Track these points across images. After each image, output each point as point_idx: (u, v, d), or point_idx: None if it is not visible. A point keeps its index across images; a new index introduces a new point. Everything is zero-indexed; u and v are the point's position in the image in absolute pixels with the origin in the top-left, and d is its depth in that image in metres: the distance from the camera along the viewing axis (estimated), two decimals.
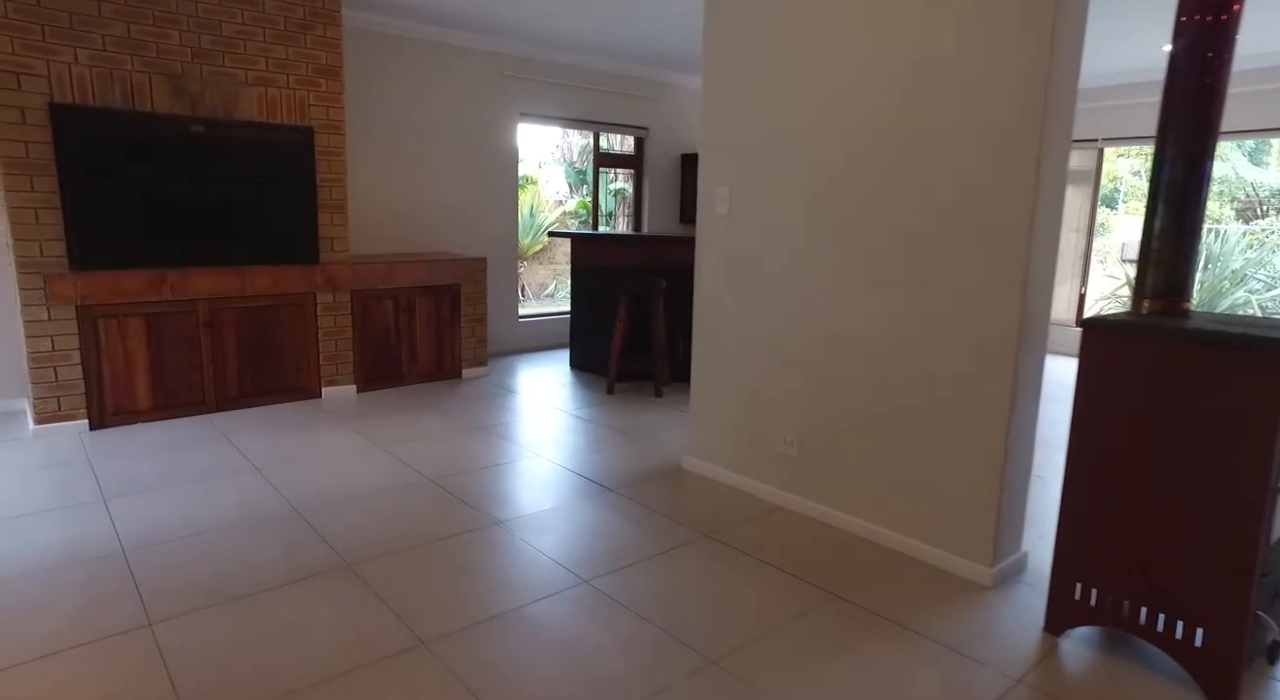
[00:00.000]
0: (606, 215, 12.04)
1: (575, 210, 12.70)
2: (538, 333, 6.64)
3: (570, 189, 13.02)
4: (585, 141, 12.11)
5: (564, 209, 12.73)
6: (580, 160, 12.75)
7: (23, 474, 3.38)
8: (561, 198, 12.87)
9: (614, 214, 12.18)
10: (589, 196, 12.54)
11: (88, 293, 3.90)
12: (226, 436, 3.97)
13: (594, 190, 7.31)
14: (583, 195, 12.74)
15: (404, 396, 4.87)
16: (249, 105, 4.28)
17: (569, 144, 12.66)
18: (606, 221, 11.99)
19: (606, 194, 11.95)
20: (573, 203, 12.82)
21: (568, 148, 12.72)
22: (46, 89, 3.70)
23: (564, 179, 12.87)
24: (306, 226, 4.55)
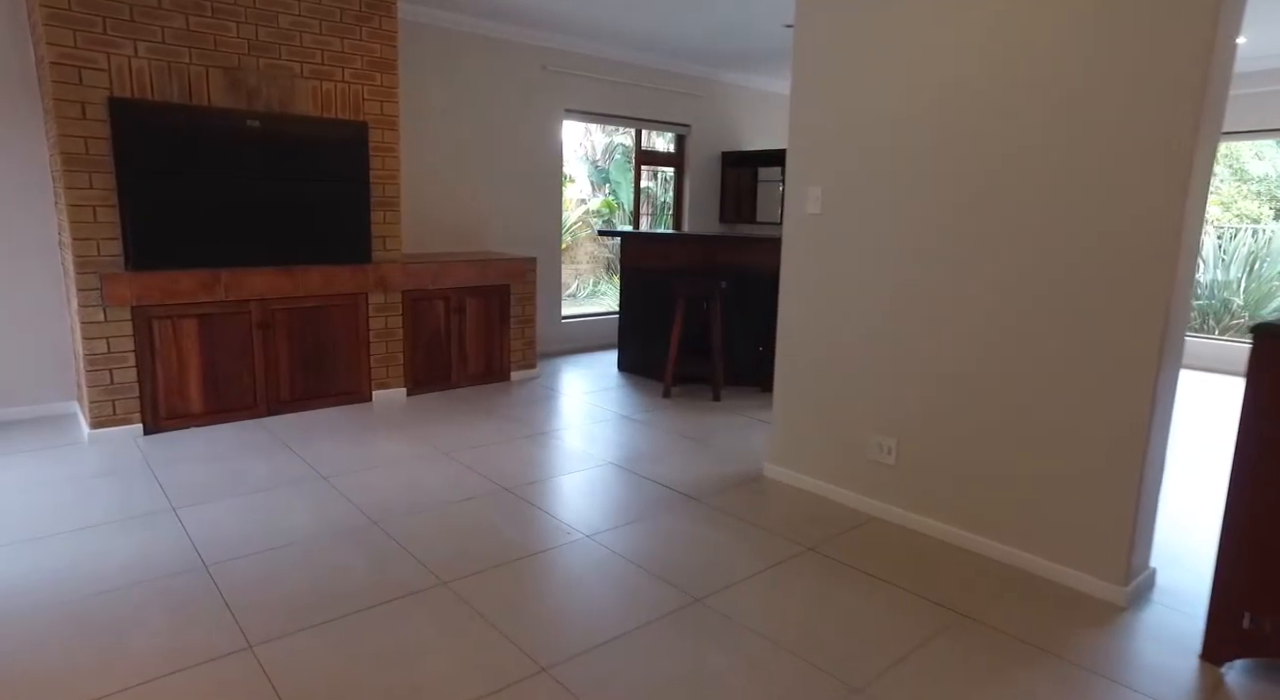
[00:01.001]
0: (630, 214, 11.92)
1: (599, 209, 12.57)
2: (581, 333, 6.51)
3: (592, 187, 12.91)
4: (608, 140, 11.99)
5: (586, 208, 12.61)
6: (603, 158, 12.63)
7: (86, 482, 3.26)
8: (584, 196, 12.76)
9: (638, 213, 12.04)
10: (611, 195, 12.43)
11: (143, 293, 3.77)
12: (283, 442, 3.85)
13: (635, 189, 7.19)
14: (605, 194, 12.63)
15: (455, 400, 4.74)
16: (304, 99, 4.15)
17: (591, 142, 12.55)
18: (628, 220, 11.87)
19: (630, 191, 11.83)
20: (596, 201, 12.70)
21: (590, 146, 12.60)
22: (106, 83, 3.58)
23: (586, 177, 12.75)
24: (359, 225, 4.42)
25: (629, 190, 11.87)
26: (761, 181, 7.43)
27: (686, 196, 7.15)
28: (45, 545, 2.67)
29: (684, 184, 7.16)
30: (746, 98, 7.35)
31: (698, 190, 7.21)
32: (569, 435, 4.09)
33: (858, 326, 3.11)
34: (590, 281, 11.85)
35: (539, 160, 5.98)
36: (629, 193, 11.85)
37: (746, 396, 4.97)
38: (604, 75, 6.18)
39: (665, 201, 11.86)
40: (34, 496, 3.09)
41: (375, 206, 4.49)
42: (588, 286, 11.56)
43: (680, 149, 7.10)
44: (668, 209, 12.16)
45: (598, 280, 12.08)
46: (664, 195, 11.82)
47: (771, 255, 5.00)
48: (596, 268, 12.21)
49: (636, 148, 6.87)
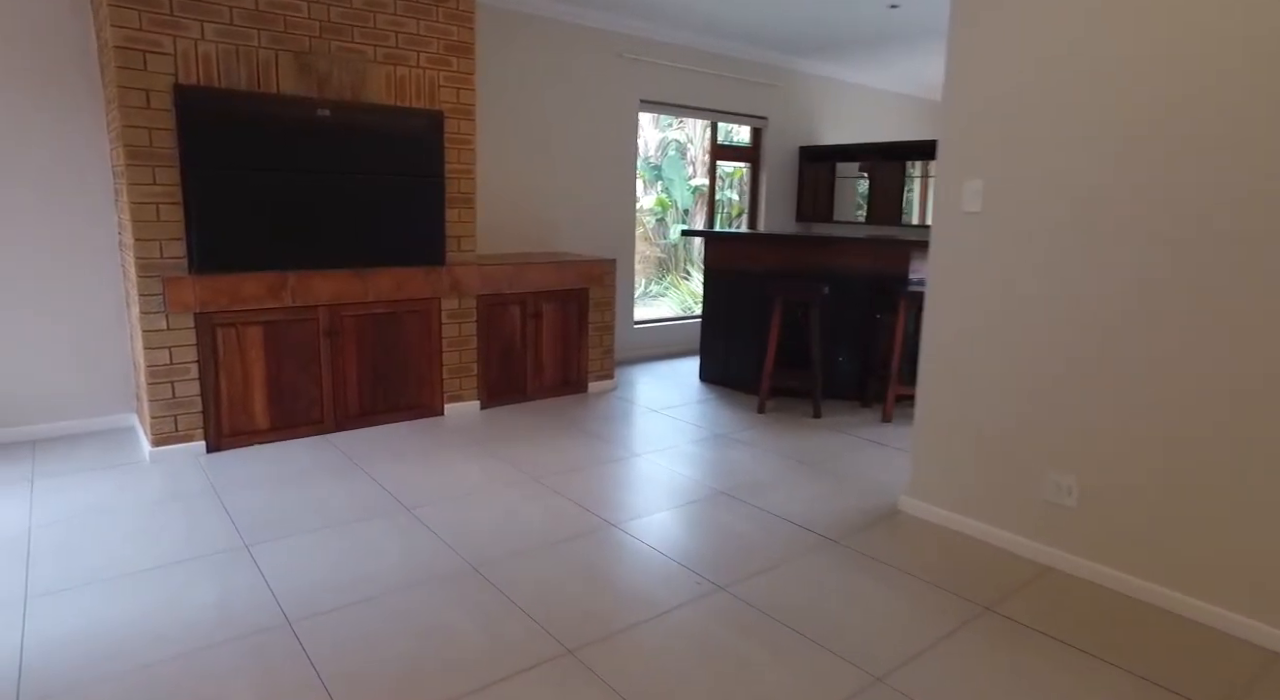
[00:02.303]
0: (683, 212, 11.50)
1: (652, 208, 12.16)
2: (655, 340, 6.10)
3: (644, 185, 12.48)
4: (661, 135, 11.57)
5: (639, 206, 12.16)
6: (656, 155, 12.22)
7: (151, 510, 2.93)
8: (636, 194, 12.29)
9: (690, 211, 11.63)
10: (664, 193, 11.99)
11: (207, 298, 3.45)
12: (356, 463, 3.50)
13: (710, 186, 6.76)
14: (658, 192, 12.21)
15: (532, 414, 4.37)
16: (377, 86, 3.80)
17: (644, 138, 12.13)
18: (682, 219, 11.44)
19: (684, 189, 11.41)
20: (648, 199, 12.29)
21: (643, 142, 12.18)
22: (172, 68, 3.26)
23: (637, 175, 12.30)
24: (433, 224, 4.06)
25: (682, 188, 11.44)
26: (839, 178, 6.97)
27: (763, 193, 6.70)
28: (113, 591, 2.33)
29: (760, 180, 6.71)
30: (826, 89, 6.89)
31: (774, 187, 6.76)
32: (666, 458, 3.69)
33: (1025, 339, 2.66)
34: (641, 282, 11.45)
35: (613, 154, 5.59)
36: (682, 190, 11.41)
37: (847, 412, 4.52)
38: (681, 63, 5.76)
39: (723, 199, 11.42)
40: (98, 527, 2.77)
41: (450, 203, 4.12)
42: (639, 287, 11.17)
43: (756, 143, 6.66)
44: (723, 207, 11.72)
45: (648, 281, 11.68)
46: (721, 193, 11.39)
47: (869, 258, 4.56)
48: (648, 267, 11.82)
49: (712, 142, 6.44)
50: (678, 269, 10.99)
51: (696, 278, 8.90)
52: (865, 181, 7.03)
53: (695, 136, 11.58)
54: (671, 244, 10.94)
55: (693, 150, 11.68)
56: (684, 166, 11.62)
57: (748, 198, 6.88)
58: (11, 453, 3.51)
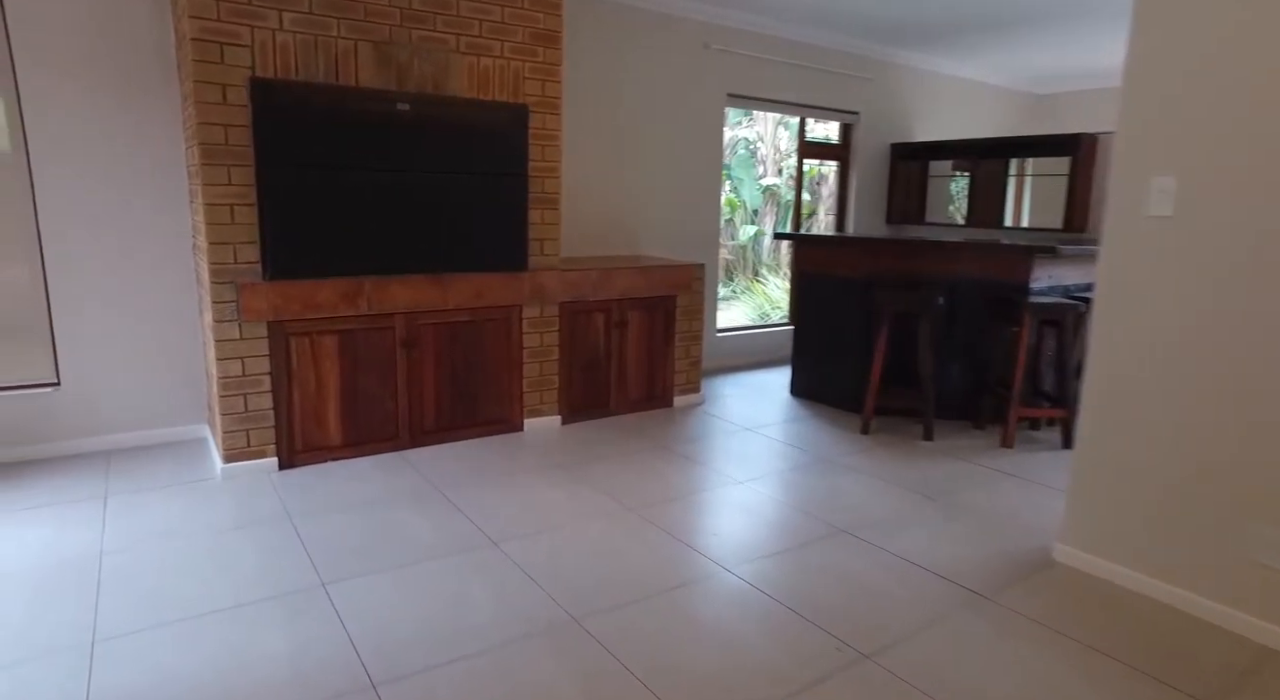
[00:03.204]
0: (752, 213, 11.08)
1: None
2: (739, 349, 5.73)
3: None
4: (730, 133, 11.17)
5: None
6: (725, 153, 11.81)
7: (224, 538, 2.70)
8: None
9: (759, 212, 11.22)
10: (733, 193, 11.59)
11: (281, 306, 3.23)
12: (434, 484, 3.23)
13: (797, 186, 6.35)
14: (727, 192, 11.81)
15: (616, 432, 4.05)
16: (459, 78, 3.53)
17: None
18: (751, 219, 11.03)
19: (753, 189, 10.99)
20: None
21: None
22: (249, 61, 3.04)
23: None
24: (516, 226, 3.78)
25: (752, 187, 11.01)
26: (932, 177, 6.49)
27: (851, 193, 6.27)
28: (181, 637, 2.09)
29: (849, 179, 6.28)
30: (921, 82, 6.42)
31: (863, 187, 6.32)
32: (770, 486, 3.32)
33: (1231, 372, 2.21)
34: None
35: (699, 152, 5.25)
36: (751, 190, 10.99)
37: (958, 435, 4.09)
38: (770, 55, 5.38)
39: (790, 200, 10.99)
40: (168, 557, 2.55)
41: (533, 204, 3.84)
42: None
43: (846, 140, 6.23)
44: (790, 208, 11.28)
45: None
46: (789, 193, 10.97)
47: (985, 264, 4.10)
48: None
49: (800, 138, 6.04)
50: (746, 271, 10.59)
51: (773, 282, 8.51)
52: (960, 181, 6.54)
53: (766, 134, 11.17)
54: (740, 246, 10.55)
55: (763, 148, 11.26)
56: (754, 165, 11.20)
57: (834, 198, 6.45)
58: (89, 465, 3.36)
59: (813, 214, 11.26)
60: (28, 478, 3.22)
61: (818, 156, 6.39)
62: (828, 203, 10.35)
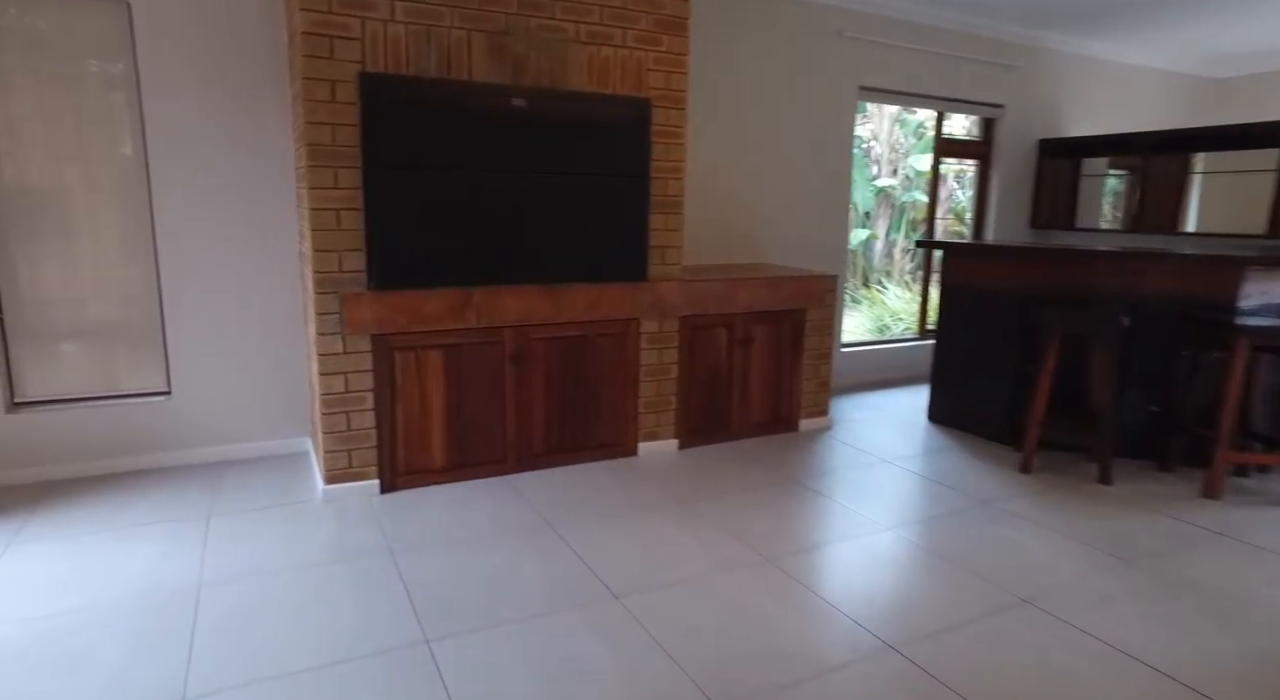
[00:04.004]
0: (864, 215, 10.42)
1: None
2: (862, 366, 5.23)
3: None
4: None
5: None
6: None
7: (321, 577, 2.47)
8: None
9: (871, 214, 10.54)
10: None
11: (386, 318, 3.00)
12: (545, 519, 2.93)
13: (932, 187, 5.78)
14: None
15: (739, 459, 3.66)
16: (578, 70, 3.23)
17: None
18: (864, 223, 10.36)
19: (866, 190, 10.33)
20: None
21: None
22: (359, 55, 2.83)
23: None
24: (635, 231, 3.44)
25: (865, 188, 10.36)
26: (1085, 176, 5.78)
27: (992, 195, 5.65)
28: (276, 696, 1.85)
29: (989, 180, 5.66)
30: (1075, 69, 5.72)
31: (1005, 187, 5.68)
32: (925, 534, 2.85)
33: None
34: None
35: (827, 151, 4.79)
36: (864, 191, 10.33)
37: (1142, 478, 3.48)
38: (907, 43, 4.86)
39: (905, 201, 10.30)
40: (266, 594, 2.34)
41: (654, 208, 3.49)
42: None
43: (988, 135, 5.62)
44: (905, 210, 10.58)
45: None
46: (907, 193, 10.27)
47: (1178, 278, 3.47)
48: None
49: (937, 135, 5.47)
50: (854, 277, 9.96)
51: (893, 291, 7.90)
52: (1119, 180, 5.80)
53: (881, 132, 10.51)
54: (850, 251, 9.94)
55: (877, 147, 10.61)
56: (866, 165, 10.55)
57: (974, 199, 5.83)
58: (194, 479, 3.24)
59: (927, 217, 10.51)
60: (137, 490, 3.12)
61: (955, 155, 5.80)
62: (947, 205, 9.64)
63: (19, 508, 2.93)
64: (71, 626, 2.15)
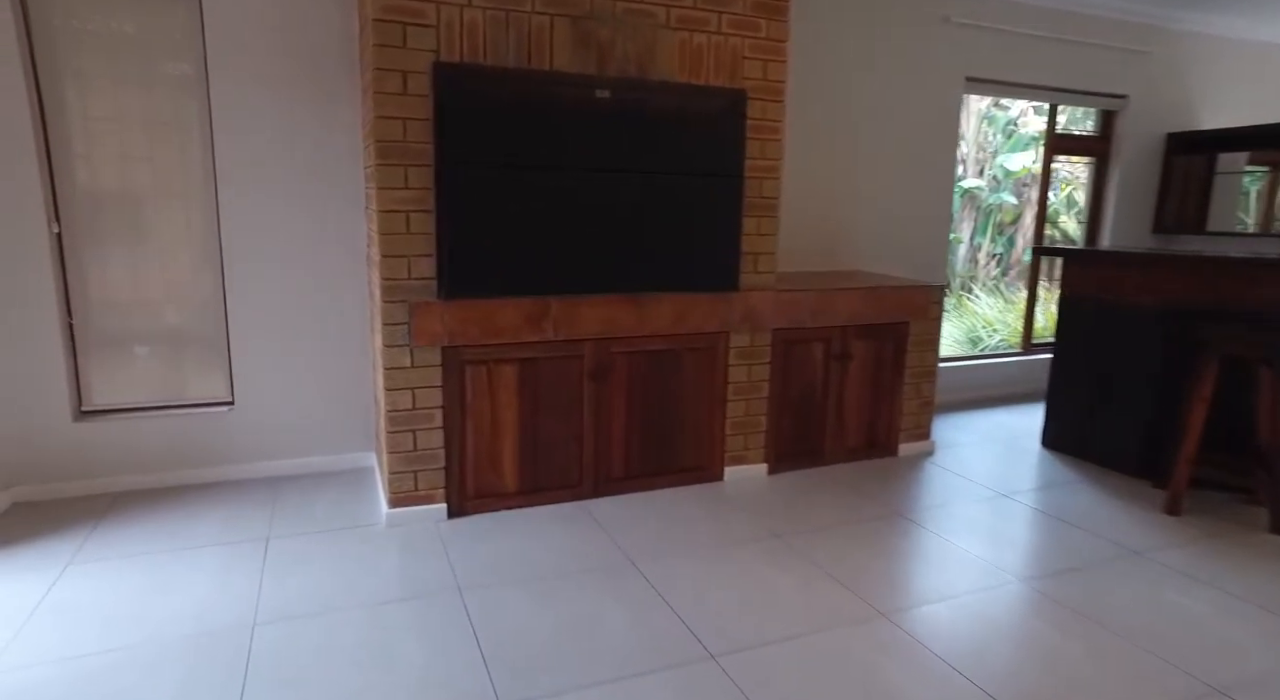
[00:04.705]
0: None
1: None
2: (958, 383, 4.79)
3: None
4: None
5: None
6: None
7: (385, 619, 2.24)
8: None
9: (957, 218, 9.95)
10: None
11: (457, 329, 2.77)
12: (626, 554, 2.64)
13: (1042, 188, 5.28)
14: None
15: (834, 487, 3.30)
16: (668, 58, 2.93)
17: None
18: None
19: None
20: None
21: None
22: (433, 44, 2.60)
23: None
24: (727, 236, 3.13)
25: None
26: (1219, 173, 5.18)
27: (1110, 196, 5.11)
28: None
29: (1107, 179, 5.13)
30: (1214, 52, 5.13)
31: (1125, 187, 5.13)
32: (1070, 590, 2.45)
33: None
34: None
35: (928, 148, 4.38)
36: None
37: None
38: (1021, 27, 4.41)
39: (993, 202, 9.67)
40: (323, 637, 2.11)
41: (747, 210, 3.17)
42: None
43: (1106, 130, 5.09)
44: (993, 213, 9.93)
45: None
46: (996, 194, 9.65)
47: None
48: None
49: (1049, 130, 4.98)
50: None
51: (986, 301, 7.36)
52: (1259, 178, 5.19)
53: (968, 131, 9.92)
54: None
55: (963, 146, 10.00)
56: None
57: (1088, 201, 5.30)
58: (255, 495, 3.07)
59: (1015, 221, 9.87)
60: (198, 506, 2.96)
61: (1068, 152, 5.28)
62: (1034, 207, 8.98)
63: (82, 522, 2.81)
64: (112, 669, 1.96)
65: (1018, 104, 8.44)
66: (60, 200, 2.95)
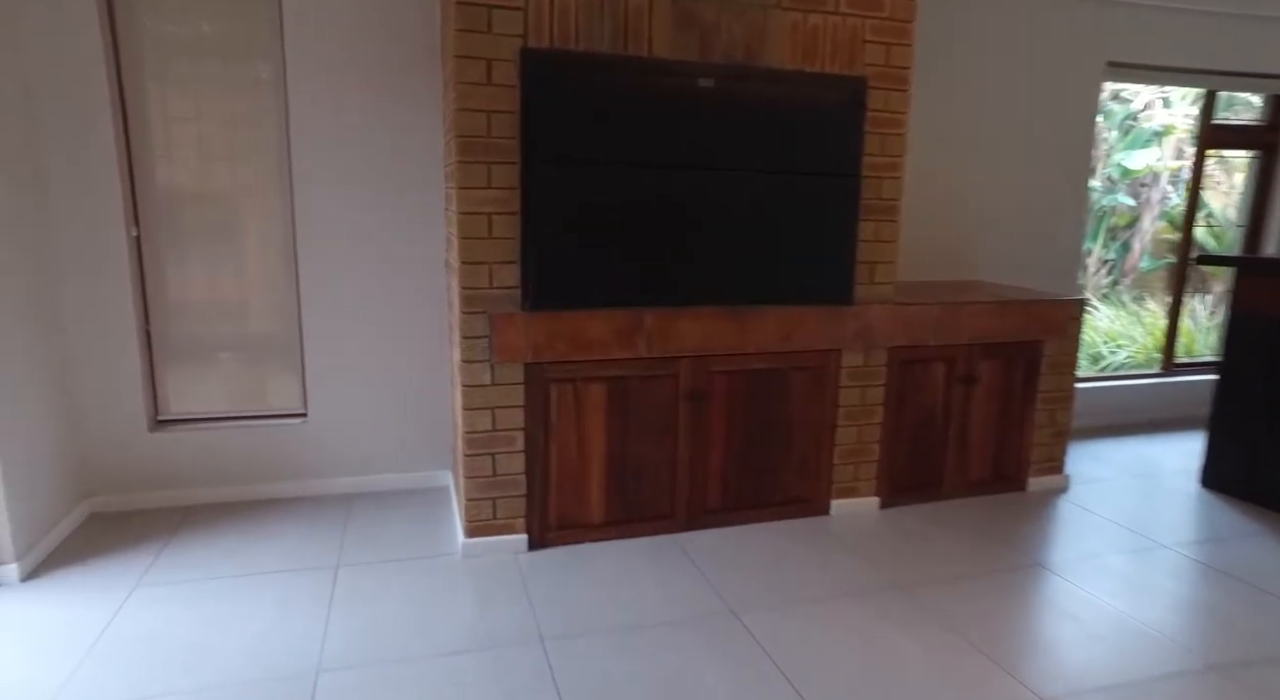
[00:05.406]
0: None
1: None
2: (1085, 407, 4.25)
3: None
4: None
5: None
6: None
7: (458, 672, 2.00)
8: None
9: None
10: None
11: (542, 344, 2.51)
12: (728, 603, 2.33)
13: (1193, 187, 4.69)
14: None
15: (957, 526, 2.91)
16: (778, 42, 2.61)
17: None
18: None
19: None
20: None
21: None
22: (520, 28, 2.35)
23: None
24: (841, 243, 2.78)
25: None
26: None
27: (1278, 195, 4.49)
28: None
29: (1274, 175, 4.51)
30: None
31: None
32: (1268, 677, 2.01)
33: None
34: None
35: (1059, 144, 3.90)
36: None
37: None
38: (1175, 2, 3.88)
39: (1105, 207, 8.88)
40: (391, 690, 1.88)
41: (865, 213, 2.81)
42: None
43: (1276, 119, 4.47)
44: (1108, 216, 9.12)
45: None
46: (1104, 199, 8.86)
47: None
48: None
49: (1204, 120, 4.40)
50: None
51: (1104, 311, 6.71)
52: None
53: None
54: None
55: None
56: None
57: (1249, 201, 4.68)
58: (326, 515, 2.90)
59: (1130, 224, 9.04)
60: (267, 525, 2.81)
61: (1226, 145, 4.66)
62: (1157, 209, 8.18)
63: (153, 538, 2.69)
64: None
65: (1141, 96, 7.68)
66: (140, 203, 2.85)
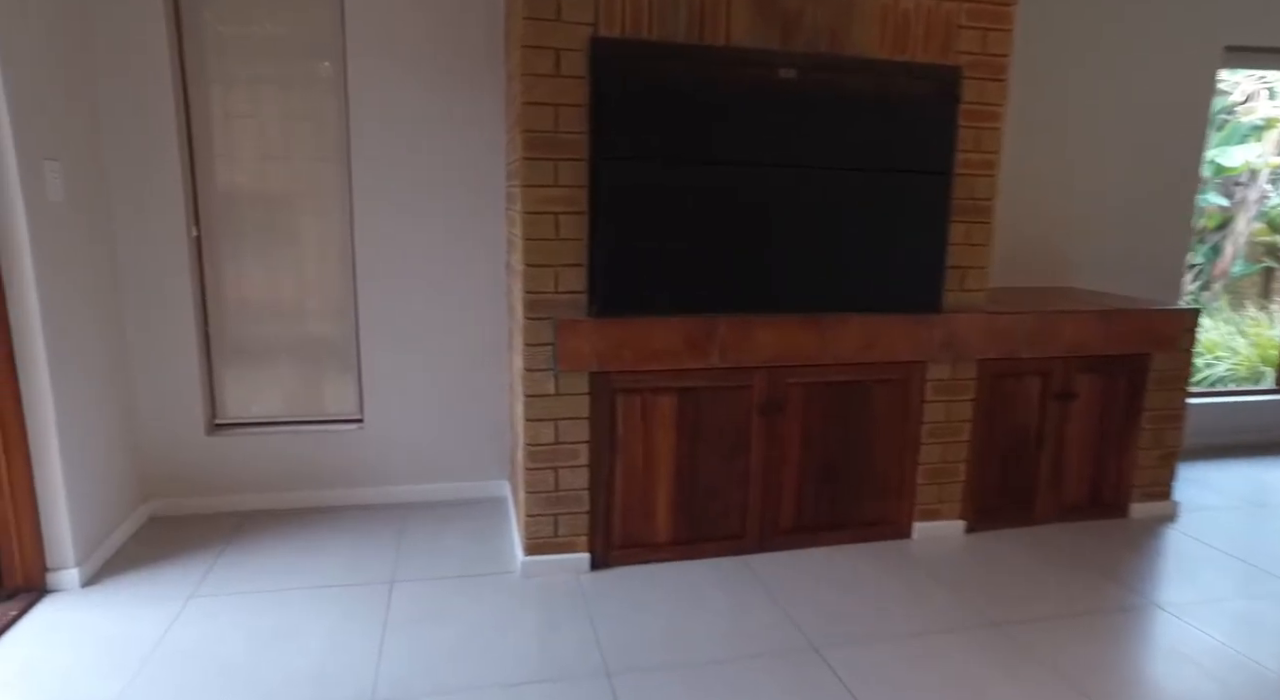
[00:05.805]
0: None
1: None
2: (1194, 426, 3.93)
3: None
4: None
5: None
6: None
7: (523, 697, 1.86)
8: None
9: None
10: None
11: (609, 353, 2.36)
12: (806, 636, 2.15)
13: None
14: None
15: (1051, 554, 2.67)
16: (866, 28, 2.41)
17: None
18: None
19: None
20: None
21: None
22: (590, 16, 2.21)
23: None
24: (930, 247, 2.57)
25: None
26: None
27: None
28: None
29: None
30: None
31: None
32: None
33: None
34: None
35: (1167, 138, 3.59)
36: None
37: None
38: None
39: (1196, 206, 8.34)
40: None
41: (956, 215, 2.60)
42: None
43: None
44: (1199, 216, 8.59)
45: None
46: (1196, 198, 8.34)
47: None
48: None
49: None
50: None
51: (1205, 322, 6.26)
52: None
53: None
54: None
55: None
56: None
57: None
58: (381, 526, 2.81)
59: (1221, 226, 8.47)
60: (323, 534, 2.73)
61: None
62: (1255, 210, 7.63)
63: (209, 545, 2.63)
64: None
65: (1240, 87, 7.18)
66: (200, 203, 2.80)
